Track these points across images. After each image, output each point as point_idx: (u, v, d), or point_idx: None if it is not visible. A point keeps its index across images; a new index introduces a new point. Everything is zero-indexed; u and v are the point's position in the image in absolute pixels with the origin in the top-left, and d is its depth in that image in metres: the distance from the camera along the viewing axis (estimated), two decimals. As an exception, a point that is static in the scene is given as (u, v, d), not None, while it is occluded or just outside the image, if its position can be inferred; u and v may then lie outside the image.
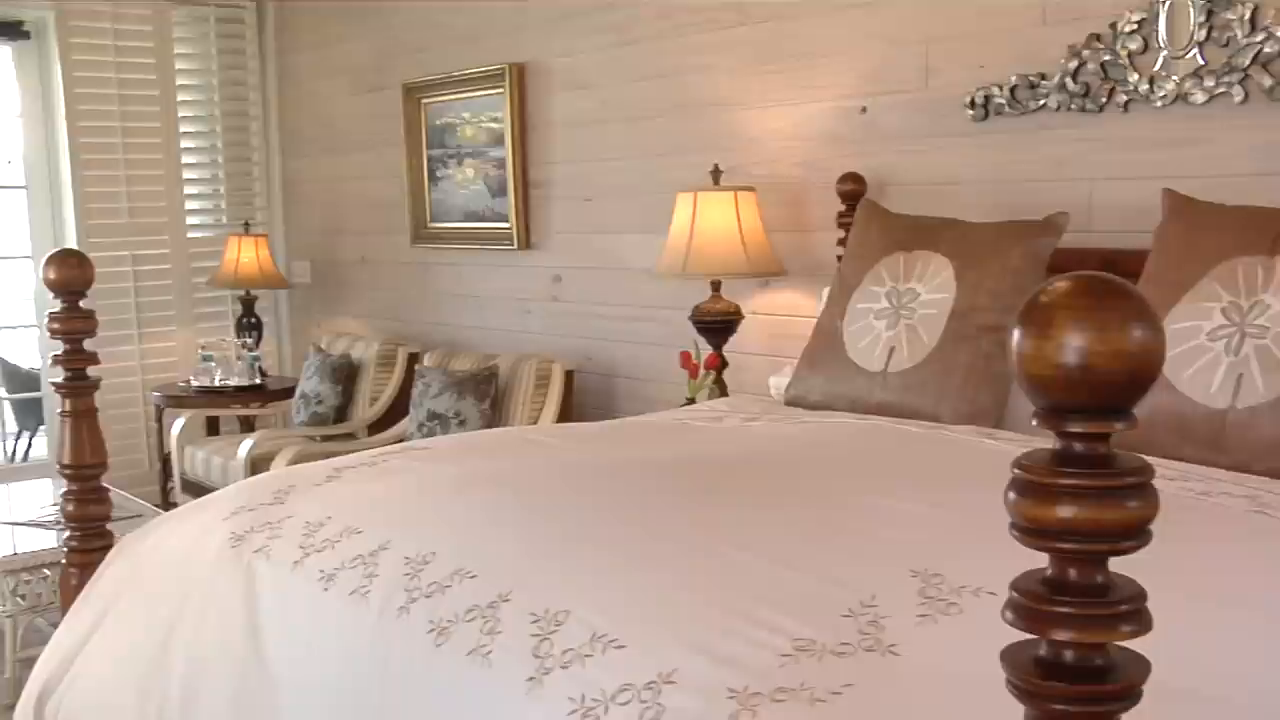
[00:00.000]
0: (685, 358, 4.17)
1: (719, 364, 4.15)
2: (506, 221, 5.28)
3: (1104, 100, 3.29)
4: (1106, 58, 3.27)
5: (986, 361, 2.95)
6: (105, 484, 2.77)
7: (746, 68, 4.28)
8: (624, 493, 2.19)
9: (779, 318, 4.25)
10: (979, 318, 2.98)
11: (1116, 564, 0.91)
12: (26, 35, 6.35)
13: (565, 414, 4.78)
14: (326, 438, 5.49)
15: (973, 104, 3.59)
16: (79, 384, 2.61)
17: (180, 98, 6.56)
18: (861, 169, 3.85)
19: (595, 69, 4.86)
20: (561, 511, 2.08)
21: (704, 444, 2.73)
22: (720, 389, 4.13)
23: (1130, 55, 3.21)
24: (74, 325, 2.56)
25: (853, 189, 3.82)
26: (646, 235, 4.57)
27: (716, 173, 4.10)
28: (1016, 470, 0.90)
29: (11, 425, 7.13)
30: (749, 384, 4.21)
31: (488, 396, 4.79)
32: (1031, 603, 0.90)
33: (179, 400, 5.92)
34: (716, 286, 4.12)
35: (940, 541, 1.83)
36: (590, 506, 2.11)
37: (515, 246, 5.26)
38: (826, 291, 3.51)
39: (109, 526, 2.78)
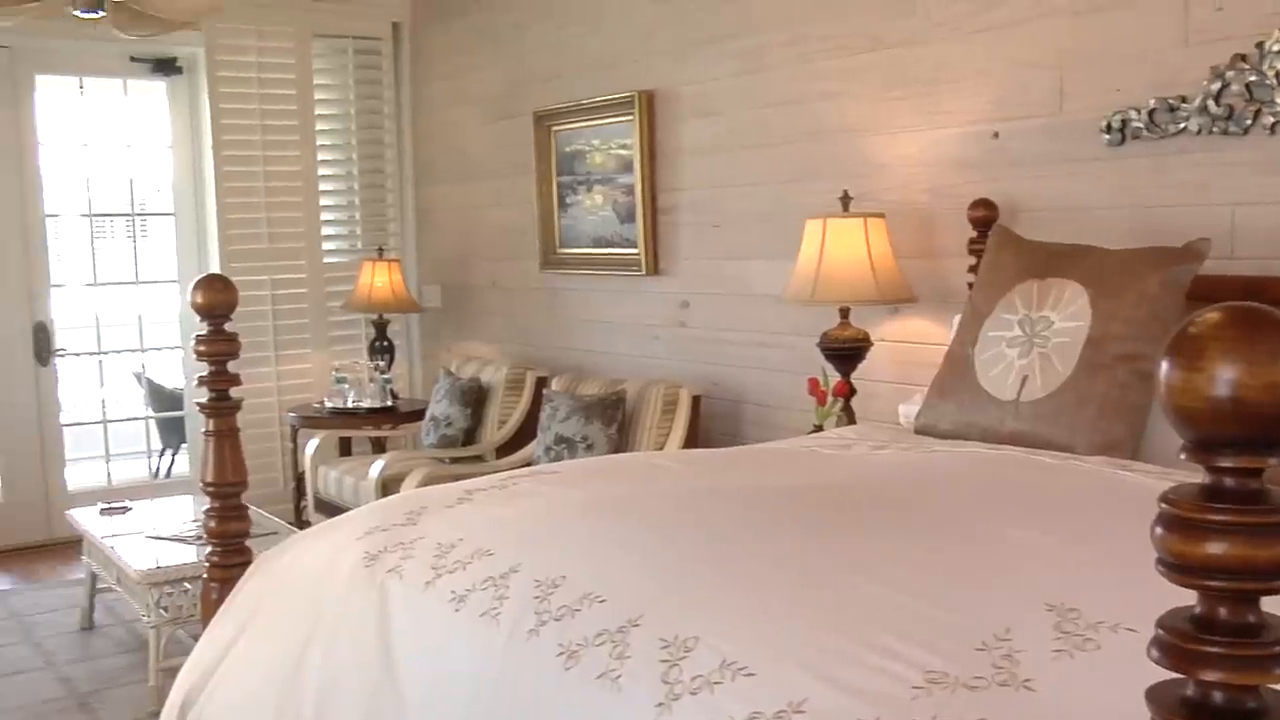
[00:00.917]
0: (813, 384, 4.15)
1: (847, 391, 4.11)
2: (635, 247, 5.32)
3: (1249, 122, 3.20)
4: (1252, 78, 3.18)
5: (1122, 391, 2.88)
6: (244, 502, 2.85)
7: (876, 93, 4.25)
8: (752, 519, 2.18)
9: (908, 345, 4.21)
10: (1115, 346, 2.91)
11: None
12: (179, 70, 6.63)
13: (691, 440, 4.78)
14: (455, 460, 5.57)
15: (1109, 128, 3.52)
16: (222, 404, 2.70)
17: (319, 127, 6.76)
18: (993, 194, 3.80)
19: (724, 96, 4.88)
20: (690, 537, 2.08)
21: (832, 472, 2.71)
22: (848, 416, 4.10)
23: (1278, 75, 3.12)
24: (218, 348, 2.64)
25: (984, 215, 3.77)
26: (774, 261, 4.56)
27: (846, 199, 4.08)
28: (1164, 505, 0.88)
29: (156, 443, 7.38)
30: (877, 412, 4.17)
31: (615, 421, 4.81)
32: (1179, 641, 0.88)
33: (313, 421, 6.07)
34: (845, 313, 4.09)
35: (1075, 575, 1.79)
36: (718, 533, 2.11)
37: (643, 272, 5.29)
38: (957, 319, 3.47)
39: (247, 543, 2.86)
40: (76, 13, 4.02)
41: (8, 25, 4.42)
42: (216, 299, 2.61)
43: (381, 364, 6.32)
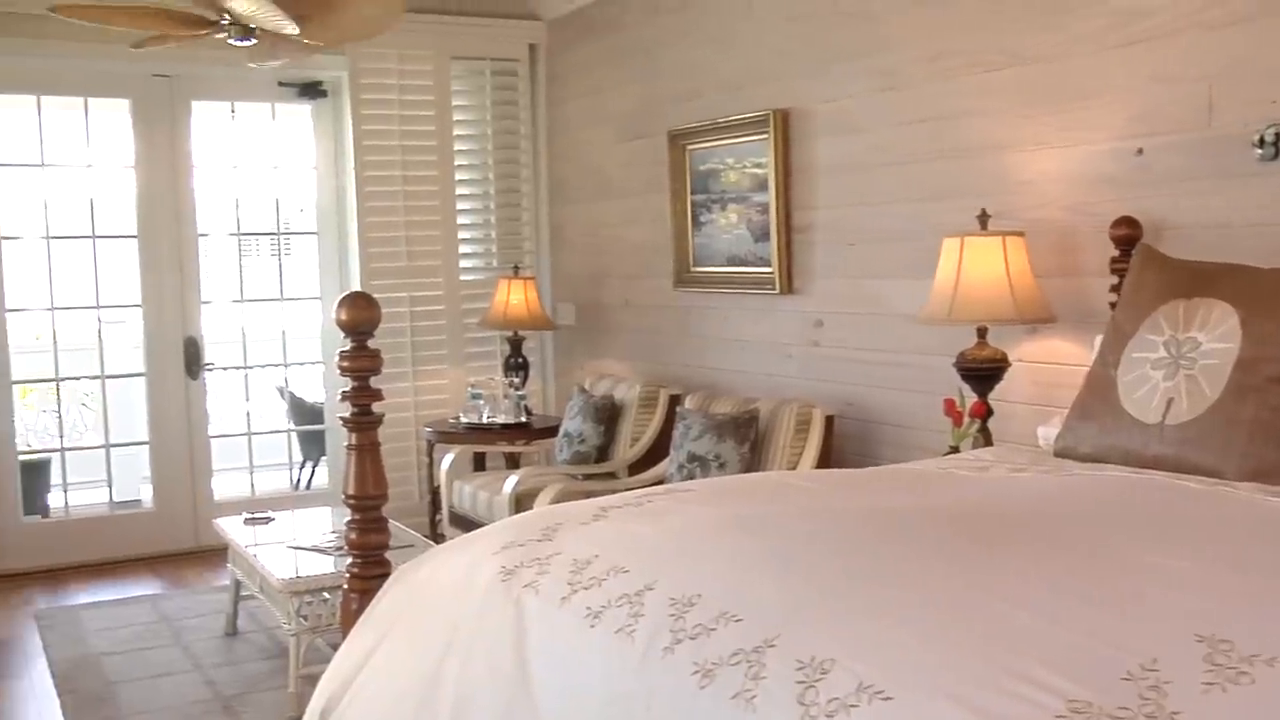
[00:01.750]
0: (949, 405, 4.09)
1: (984, 412, 4.05)
2: (769, 266, 5.31)
3: None
4: None
5: (1274, 414, 2.79)
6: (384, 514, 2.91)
7: (1016, 110, 4.18)
8: (889, 541, 2.16)
9: (1047, 366, 4.13)
10: (1267, 369, 2.82)
11: None
12: (324, 94, 6.83)
13: (825, 459, 4.75)
14: (588, 476, 5.62)
15: (1261, 142, 3.41)
16: (364, 419, 2.75)
17: (456, 147, 6.90)
18: (1136, 212, 3.71)
19: (861, 113, 4.85)
20: (826, 558, 2.07)
21: (970, 494, 2.67)
22: (985, 438, 4.03)
23: None
24: (361, 364, 2.71)
25: (1127, 233, 3.68)
26: (910, 280, 4.52)
27: (984, 217, 4.02)
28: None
29: (297, 455, 7.58)
30: (1014, 433, 4.10)
31: (748, 440, 4.81)
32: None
33: (449, 436, 6.17)
34: (982, 333, 4.03)
35: (1227, 605, 1.74)
36: (855, 554, 2.09)
37: (777, 291, 5.28)
38: (1098, 339, 3.39)
39: (386, 555, 2.92)
40: (231, 41, 4.16)
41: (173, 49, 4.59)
42: (360, 316, 2.67)
43: (516, 380, 6.41)
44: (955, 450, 3.96)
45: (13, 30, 5.95)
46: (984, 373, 4.04)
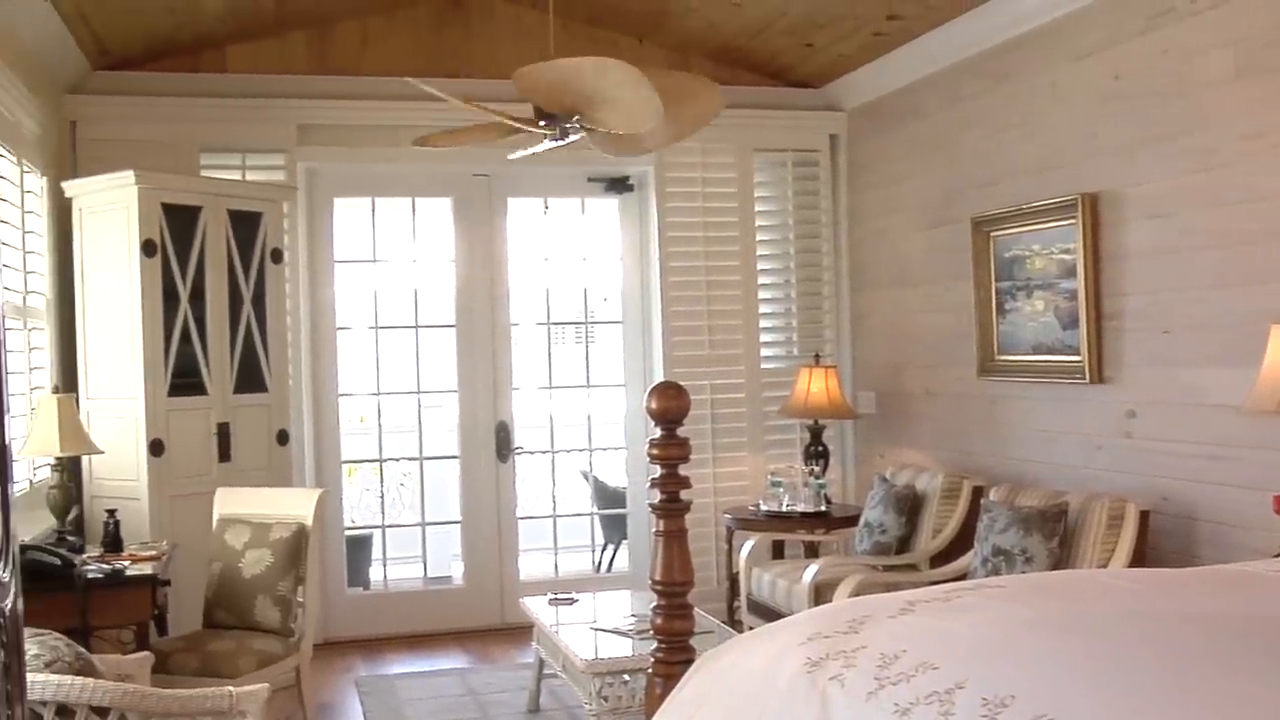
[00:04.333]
0: (1279, 502, 3.84)
1: (1320, 511, 3.79)
2: (1077, 354, 5.14)
3: None
4: None
5: None
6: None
7: (1352, 189, 3.94)
8: (1219, 651, 2.05)
9: (1393, 462, 3.83)
10: None
11: None
12: (630, 188, 7.09)
13: (1139, 558, 4.53)
14: (889, 568, 5.53)
15: None
16: (673, 506, 2.82)
17: (758, 237, 7.03)
18: None
19: (1175, 196, 4.66)
20: (1149, 665, 1.98)
21: (1308, 601, 2.49)
22: (1322, 539, 3.77)
23: None
24: (671, 452, 2.78)
25: None
26: (1231, 369, 4.29)
27: (1317, 303, 3.80)
28: None
29: (599, 538, 7.77)
30: (1357, 535, 3.81)
31: (1056, 535, 4.63)
32: None
33: (748, 523, 6.22)
34: (1317, 426, 3.79)
35: None
36: (1180, 663, 1.99)
37: (1086, 380, 5.10)
38: None
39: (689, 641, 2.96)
40: (549, 143, 4.39)
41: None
42: (670, 405, 2.75)
43: (816, 469, 6.40)
44: (1288, 552, 3.71)
45: (352, 141, 6.50)
46: (1320, 469, 3.78)
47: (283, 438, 5.93)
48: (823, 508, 6.21)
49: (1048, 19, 5.32)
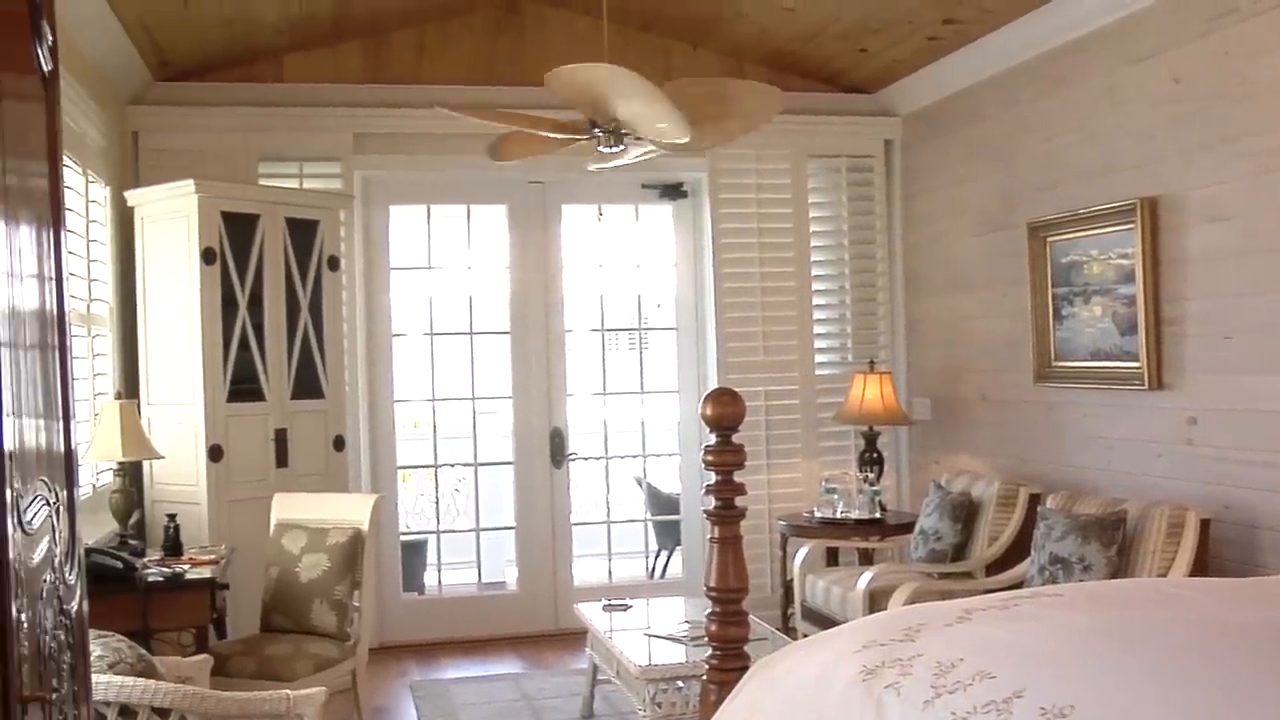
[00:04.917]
0: (1345, 512, 3.78)
1: (1387, 520, 3.72)
2: (1136, 360, 5.08)
3: None
4: None
5: None
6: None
7: None
8: (1282, 660, 2.02)
9: None
10: None
11: None
12: (684, 194, 7.10)
13: (1199, 566, 4.47)
14: (944, 575, 5.50)
15: None
16: (728, 513, 2.82)
17: (813, 243, 7.01)
18: None
19: (1237, 199, 4.60)
20: (1211, 676, 1.95)
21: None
22: (1388, 548, 3.70)
23: None
24: (726, 458, 2.78)
25: None
26: (1297, 376, 4.22)
27: (1383, 309, 3.73)
28: None
29: (652, 544, 7.77)
30: None
31: (1114, 543, 4.58)
32: None
33: (802, 530, 6.19)
34: (1383, 434, 3.72)
35: None
36: (1241, 674, 1.96)
37: (1145, 386, 5.04)
38: None
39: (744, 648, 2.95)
40: (601, 148, 4.40)
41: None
42: (725, 412, 2.75)
43: (871, 475, 6.37)
44: (1354, 561, 3.65)
45: (408, 149, 6.55)
46: (1386, 477, 3.71)
47: (339, 444, 5.98)
48: (877, 514, 6.17)
49: (1106, 21, 5.26)
